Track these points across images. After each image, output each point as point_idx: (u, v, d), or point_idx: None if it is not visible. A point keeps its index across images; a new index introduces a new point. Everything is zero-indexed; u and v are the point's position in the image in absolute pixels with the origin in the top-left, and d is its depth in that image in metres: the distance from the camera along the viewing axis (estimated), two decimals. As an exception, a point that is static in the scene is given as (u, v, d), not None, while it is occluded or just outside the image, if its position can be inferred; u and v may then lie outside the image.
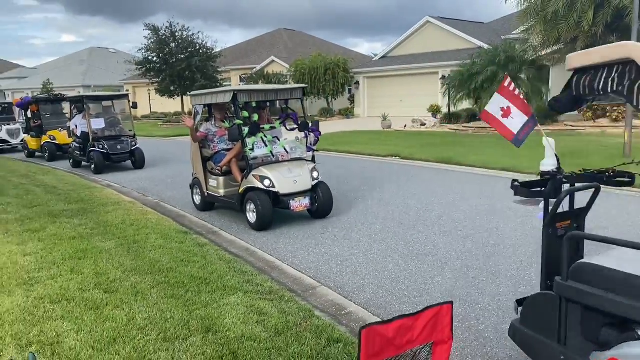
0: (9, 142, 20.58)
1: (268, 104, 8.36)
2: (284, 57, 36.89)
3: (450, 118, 24.31)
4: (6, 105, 23.49)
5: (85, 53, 60.25)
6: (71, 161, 15.30)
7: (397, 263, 5.96)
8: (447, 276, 5.51)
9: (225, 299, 4.66)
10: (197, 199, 8.90)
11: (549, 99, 22.64)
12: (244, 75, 37.00)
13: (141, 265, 5.60)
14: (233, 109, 7.76)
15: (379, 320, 4.47)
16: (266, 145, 7.54)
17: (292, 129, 8.24)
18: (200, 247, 6.30)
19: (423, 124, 24.46)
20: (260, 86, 7.75)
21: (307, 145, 8.05)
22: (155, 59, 32.01)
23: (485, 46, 24.23)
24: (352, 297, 5.09)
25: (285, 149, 7.84)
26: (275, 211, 7.57)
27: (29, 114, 18.94)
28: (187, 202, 9.65)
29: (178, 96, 33.35)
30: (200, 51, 32.26)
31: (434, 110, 26.66)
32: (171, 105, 38.38)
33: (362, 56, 44.73)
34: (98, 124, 14.14)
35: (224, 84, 36.58)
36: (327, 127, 24.05)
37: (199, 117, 8.61)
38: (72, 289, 4.86)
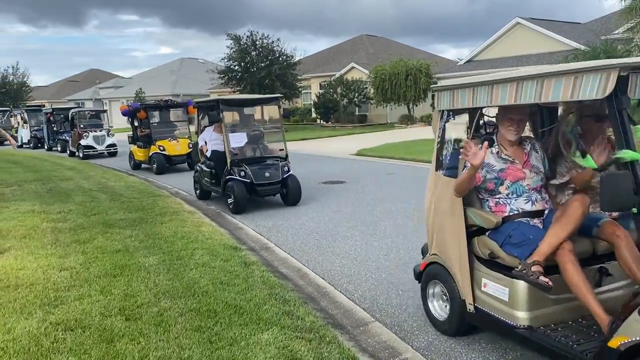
0: (94, 148, 21.29)
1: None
2: (364, 63, 36.20)
3: (542, 125, 22.45)
4: (94, 112, 24.50)
5: (176, 63, 62.76)
6: (198, 190, 10.87)
7: (469, 296, 5.02)
8: (529, 317, 4.51)
9: (257, 335, 3.98)
10: (441, 308, 4.32)
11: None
12: (323, 83, 36.70)
13: (177, 286, 5.07)
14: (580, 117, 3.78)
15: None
16: None
17: None
18: (245, 267, 5.69)
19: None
20: None
21: None
22: (236, 67, 32.42)
23: (582, 48, 22.22)
24: (411, 338, 4.25)
25: None
26: (331, 218, 6.81)
27: (136, 122, 16.88)
28: (248, 211, 9.15)
29: (258, 104, 33.58)
30: (280, 59, 32.28)
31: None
32: (252, 112, 38.82)
33: (447, 61, 43.11)
34: (239, 140, 9.75)
35: (303, 92, 36.46)
36: (407, 134, 23.09)
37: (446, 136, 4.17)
38: (93, 314, 4.38)
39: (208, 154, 10.21)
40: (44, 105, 39.76)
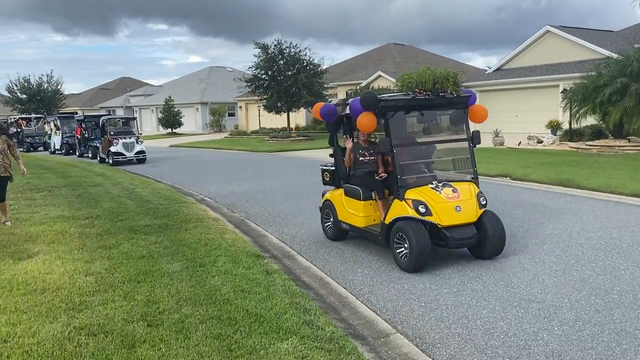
0: (124, 154, 21.66)
1: None
2: (391, 71, 36.09)
3: (572, 135, 22.00)
4: (124, 120, 24.94)
5: (205, 72, 63.61)
6: None
7: (493, 309, 4.93)
8: (555, 331, 4.40)
9: (276, 344, 3.96)
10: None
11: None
12: (349, 91, 36.71)
13: (198, 293, 5.09)
14: None
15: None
16: None
17: None
18: (267, 275, 5.69)
19: (540, 141, 22.38)
20: None
21: None
22: (264, 76, 32.62)
23: (615, 56, 21.70)
24: (432, 351, 4.18)
25: None
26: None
27: (343, 140, 7.66)
28: (272, 219, 9.18)
29: (284, 112, 33.74)
30: (307, 67, 32.38)
31: (553, 127, 24.37)
32: (279, 121, 39.04)
33: (475, 69, 42.71)
34: None
35: (329, 100, 36.51)
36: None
37: None
38: (116, 319, 4.43)
39: None
40: (76, 113, 40.66)
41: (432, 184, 6.35)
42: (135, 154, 21.97)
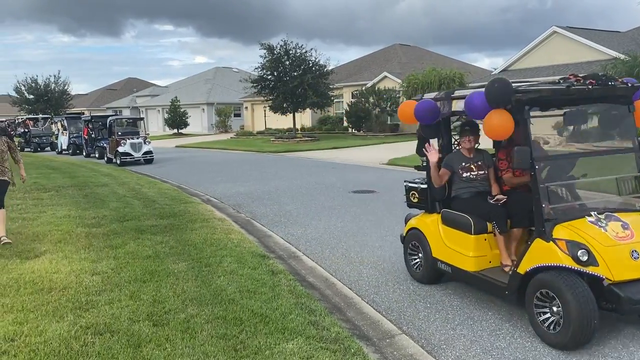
0: (131, 155, 21.68)
1: None
2: (397, 72, 36.03)
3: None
4: (131, 120, 25.01)
5: (211, 72, 63.78)
6: None
7: (499, 310, 4.92)
8: (562, 333, 4.38)
9: (282, 344, 3.97)
10: None
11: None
12: (355, 92, 36.71)
13: (204, 293, 5.11)
14: None
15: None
16: None
17: None
18: (272, 276, 5.70)
19: (546, 142, 22.28)
20: None
21: None
22: (269, 76, 32.66)
23: (622, 57, 21.61)
24: (438, 352, 4.17)
25: None
26: (348, 231, 6.73)
27: (426, 151, 5.58)
28: (277, 219, 9.19)
29: (290, 113, 33.77)
30: (313, 68, 32.38)
31: (560, 128, 24.28)
32: (284, 121, 39.05)
33: (482, 70, 42.58)
34: None
35: (335, 101, 36.54)
36: (439, 144, 22.81)
37: None
38: (122, 319, 4.45)
39: None
40: (83, 113, 40.83)
41: (591, 215, 4.37)
42: (142, 154, 21.99)
